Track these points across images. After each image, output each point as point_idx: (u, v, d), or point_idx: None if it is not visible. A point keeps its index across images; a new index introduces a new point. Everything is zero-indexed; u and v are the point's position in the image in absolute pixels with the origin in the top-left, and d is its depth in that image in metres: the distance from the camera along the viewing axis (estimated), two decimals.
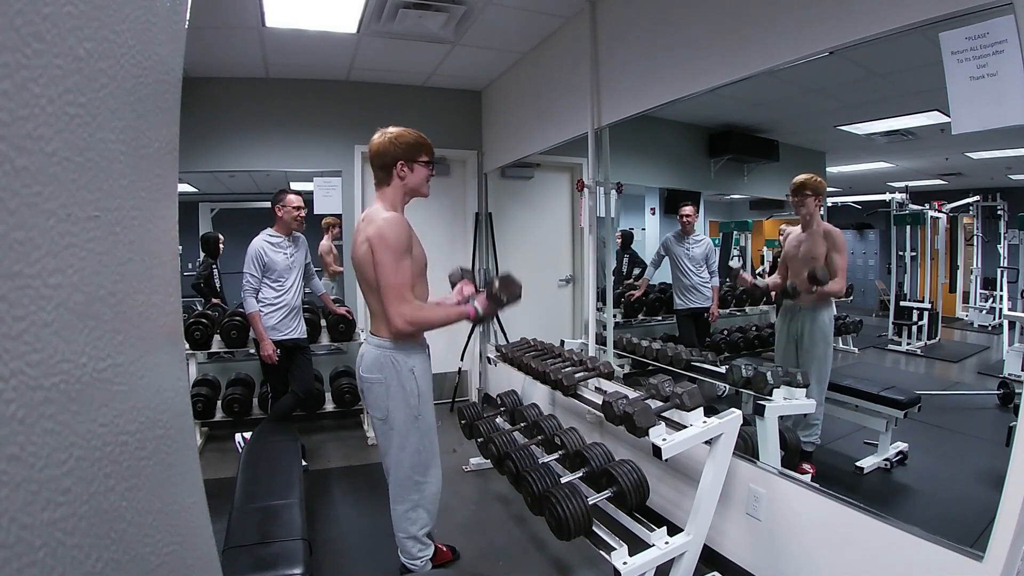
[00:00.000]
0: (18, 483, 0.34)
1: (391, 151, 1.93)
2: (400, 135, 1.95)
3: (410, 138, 1.96)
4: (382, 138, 1.95)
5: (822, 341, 2.72)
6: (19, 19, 0.34)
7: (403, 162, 1.94)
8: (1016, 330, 3.77)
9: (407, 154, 1.94)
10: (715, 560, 2.22)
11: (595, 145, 3.05)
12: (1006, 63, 1.38)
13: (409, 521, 2.06)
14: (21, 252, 0.35)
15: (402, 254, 1.85)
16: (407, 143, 1.94)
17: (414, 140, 1.96)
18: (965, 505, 2.18)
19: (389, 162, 1.94)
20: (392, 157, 1.93)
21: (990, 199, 4.08)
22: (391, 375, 1.94)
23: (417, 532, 2.08)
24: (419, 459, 2.02)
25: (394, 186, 1.97)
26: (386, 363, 1.94)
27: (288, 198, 3.20)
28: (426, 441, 2.03)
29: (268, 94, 4.19)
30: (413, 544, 2.08)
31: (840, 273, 2.66)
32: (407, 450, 1.99)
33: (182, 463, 0.62)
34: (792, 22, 1.95)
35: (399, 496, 2.05)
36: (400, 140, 1.94)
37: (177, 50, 0.60)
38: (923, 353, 4.35)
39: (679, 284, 3.81)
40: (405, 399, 1.95)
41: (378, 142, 1.95)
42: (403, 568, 2.14)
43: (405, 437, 1.98)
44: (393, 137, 1.94)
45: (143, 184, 0.53)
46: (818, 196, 2.72)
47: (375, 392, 1.97)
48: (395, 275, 1.83)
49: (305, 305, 3.50)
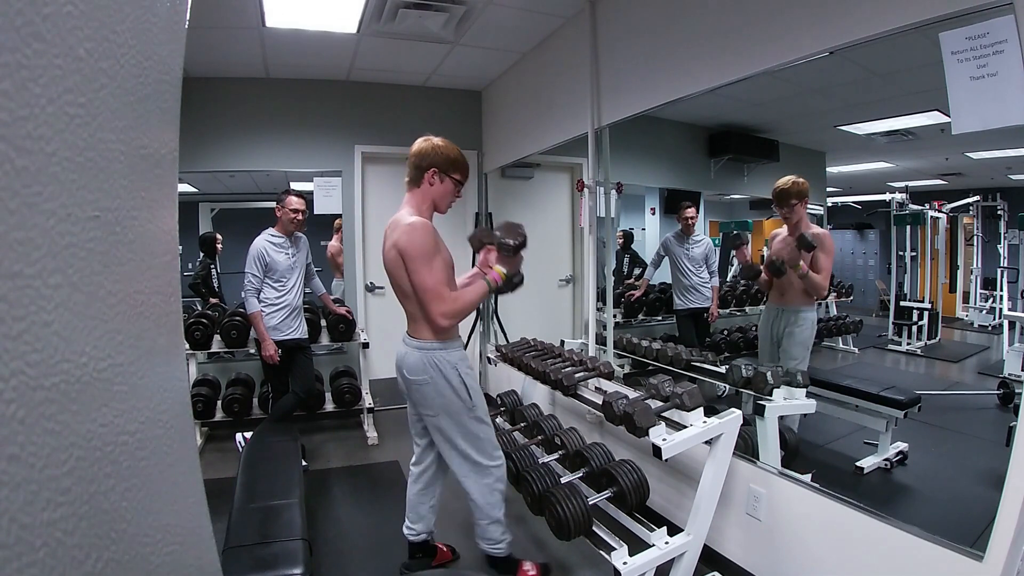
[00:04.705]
0: (18, 483, 0.34)
1: (430, 156, 2.00)
2: (444, 146, 2.03)
3: (451, 152, 2.03)
4: (427, 143, 2.03)
5: (800, 345, 2.68)
6: (19, 19, 0.34)
7: (436, 170, 2.00)
8: (1016, 330, 3.77)
9: (443, 165, 2.01)
10: (715, 560, 2.21)
11: (595, 145, 3.05)
12: (1006, 63, 1.38)
13: (491, 505, 2.13)
14: (21, 252, 0.35)
15: (431, 256, 1.91)
16: (446, 156, 2.01)
17: (454, 156, 2.03)
18: (965, 505, 2.17)
19: (424, 165, 2.00)
20: (429, 162, 1.99)
21: (990, 199, 4.07)
22: (437, 375, 2.01)
23: (500, 515, 2.15)
24: (482, 445, 2.09)
25: (422, 190, 2.03)
26: (430, 364, 2.01)
27: (288, 199, 3.20)
28: (483, 427, 2.11)
29: (268, 94, 4.18)
30: (496, 528, 2.15)
31: (824, 273, 2.62)
32: (469, 439, 2.07)
33: (182, 463, 0.62)
34: (792, 22, 1.95)
35: (476, 485, 2.11)
36: (441, 150, 2.01)
37: (177, 50, 0.60)
38: (923, 353, 4.35)
39: (679, 284, 3.81)
40: (455, 393, 2.02)
41: (422, 144, 2.03)
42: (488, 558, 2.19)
43: (464, 427, 2.06)
44: (437, 145, 2.02)
45: (143, 184, 0.53)
46: (804, 200, 2.66)
47: (424, 392, 2.03)
48: (429, 277, 1.90)
49: (305, 305, 3.50)
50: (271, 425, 3.12)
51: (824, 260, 2.62)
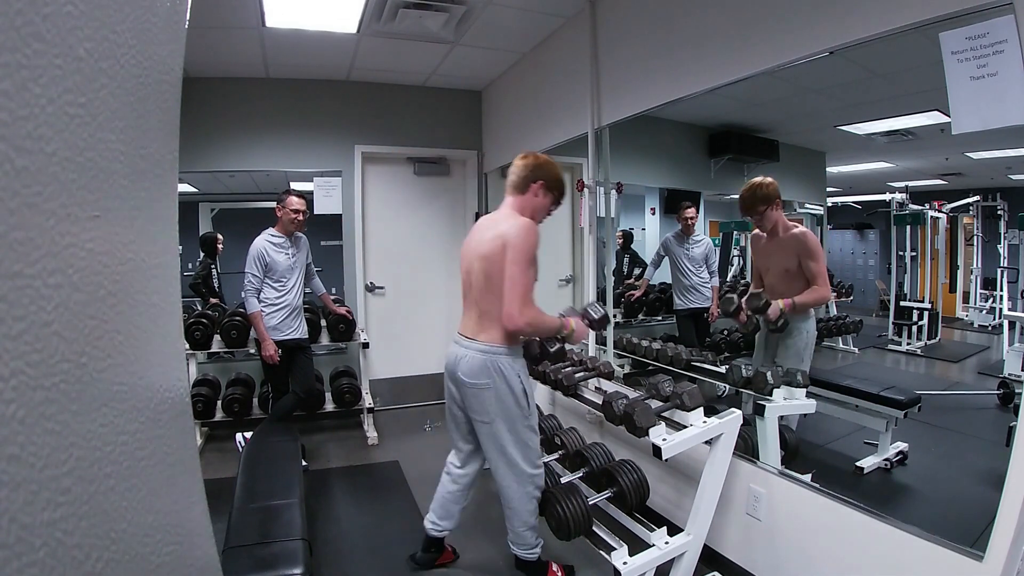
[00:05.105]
0: (18, 483, 0.34)
1: (542, 170, 2.11)
2: (554, 166, 2.14)
3: (558, 173, 2.14)
4: (540, 157, 2.14)
5: (795, 356, 2.53)
6: (19, 19, 0.34)
7: (544, 184, 2.10)
8: (1016, 330, 3.77)
9: (550, 182, 2.11)
10: (715, 560, 2.21)
11: (595, 145, 3.05)
12: (1006, 63, 1.38)
13: (529, 512, 2.13)
14: (21, 252, 0.35)
15: (533, 259, 1.99)
16: (555, 176, 2.13)
17: (559, 176, 2.14)
18: (965, 505, 2.17)
19: (531, 178, 2.09)
20: (539, 175, 2.09)
21: (990, 199, 4.07)
22: (499, 380, 2.01)
23: (535, 521, 2.15)
24: (530, 453, 2.10)
25: (526, 198, 2.10)
26: (493, 369, 2.01)
27: (289, 199, 3.20)
28: (534, 436, 2.12)
29: (268, 94, 4.18)
30: (532, 534, 2.15)
31: (819, 279, 2.41)
32: (519, 446, 2.07)
33: (182, 463, 0.62)
34: (792, 22, 1.95)
35: (518, 492, 2.10)
36: (551, 169, 2.13)
37: (177, 50, 0.60)
38: (923, 353, 4.35)
39: (679, 284, 3.81)
40: (516, 401, 2.03)
41: (537, 157, 2.14)
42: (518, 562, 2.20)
43: (517, 435, 2.06)
44: (548, 161, 2.14)
45: (143, 184, 0.53)
46: (772, 203, 2.42)
47: (483, 398, 2.03)
48: (525, 275, 1.95)
49: (305, 305, 3.50)
50: (271, 425, 3.12)
51: (815, 266, 2.41)
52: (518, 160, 2.14)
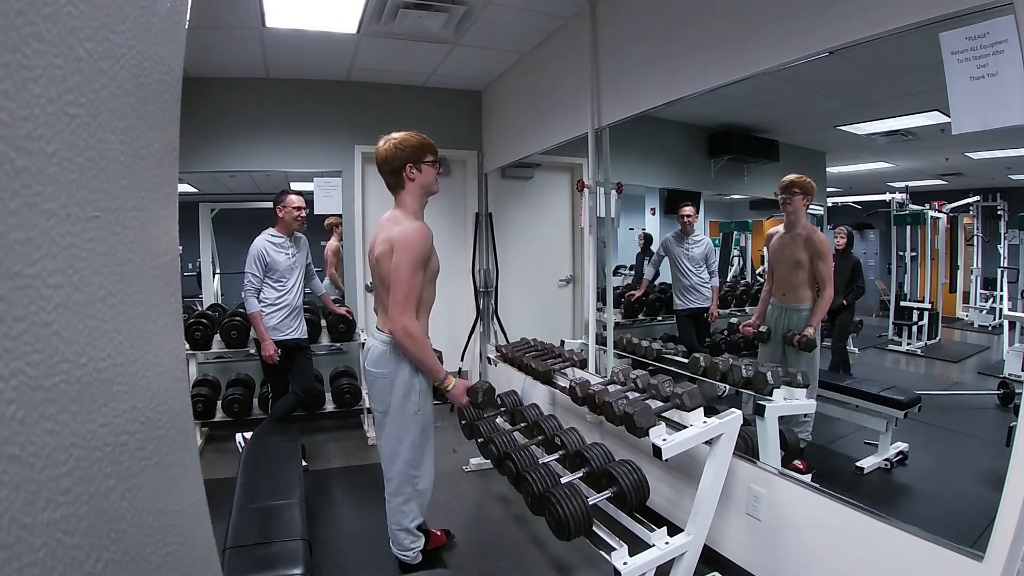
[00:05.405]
0: (18, 483, 0.34)
1: (398, 156, 1.99)
2: (404, 139, 2.00)
3: (414, 141, 2.01)
4: (387, 145, 2.00)
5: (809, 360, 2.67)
6: (19, 19, 0.34)
7: (411, 164, 2.00)
8: (1016, 330, 3.77)
9: (413, 156, 2.00)
10: (715, 560, 2.21)
11: (595, 145, 3.05)
12: (1006, 63, 1.38)
13: (402, 514, 2.16)
14: (21, 252, 0.35)
15: (419, 265, 1.93)
16: (412, 146, 2.00)
17: (418, 142, 2.02)
18: (965, 505, 2.17)
19: (398, 167, 2.00)
20: (400, 161, 1.99)
21: (990, 199, 4.07)
22: (395, 370, 2.02)
23: (409, 524, 2.17)
24: (415, 454, 2.10)
25: (409, 189, 2.03)
26: (391, 358, 2.02)
27: (289, 198, 3.20)
28: (423, 437, 2.12)
29: (268, 94, 4.18)
30: (405, 536, 2.19)
31: (826, 282, 2.65)
32: (404, 443, 2.08)
33: (182, 463, 0.62)
34: (792, 22, 1.95)
35: (395, 490, 2.14)
36: (405, 144, 2.00)
37: (177, 50, 0.60)
38: (923, 353, 4.35)
39: (679, 284, 3.81)
40: (407, 394, 2.03)
41: (384, 149, 2.01)
42: (400, 564, 2.22)
43: (404, 431, 2.07)
44: (397, 142, 2.00)
45: (143, 184, 0.53)
46: (806, 196, 2.68)
47: (379, 386, 2.05)
48: (407, 282, 1.91)
49: (305, 305, 3.50)
50: (271, 425, 3.12)
51: (824, 268, 2.65)
52: (377, 161, 2.04)
